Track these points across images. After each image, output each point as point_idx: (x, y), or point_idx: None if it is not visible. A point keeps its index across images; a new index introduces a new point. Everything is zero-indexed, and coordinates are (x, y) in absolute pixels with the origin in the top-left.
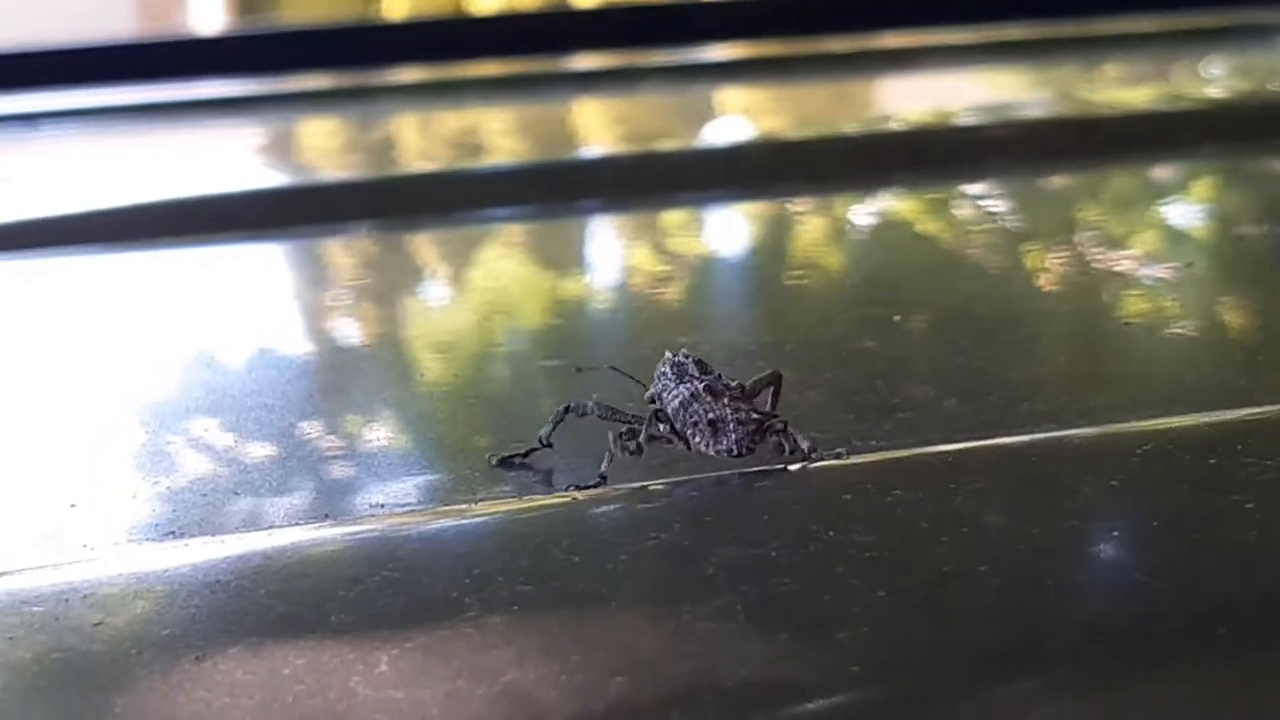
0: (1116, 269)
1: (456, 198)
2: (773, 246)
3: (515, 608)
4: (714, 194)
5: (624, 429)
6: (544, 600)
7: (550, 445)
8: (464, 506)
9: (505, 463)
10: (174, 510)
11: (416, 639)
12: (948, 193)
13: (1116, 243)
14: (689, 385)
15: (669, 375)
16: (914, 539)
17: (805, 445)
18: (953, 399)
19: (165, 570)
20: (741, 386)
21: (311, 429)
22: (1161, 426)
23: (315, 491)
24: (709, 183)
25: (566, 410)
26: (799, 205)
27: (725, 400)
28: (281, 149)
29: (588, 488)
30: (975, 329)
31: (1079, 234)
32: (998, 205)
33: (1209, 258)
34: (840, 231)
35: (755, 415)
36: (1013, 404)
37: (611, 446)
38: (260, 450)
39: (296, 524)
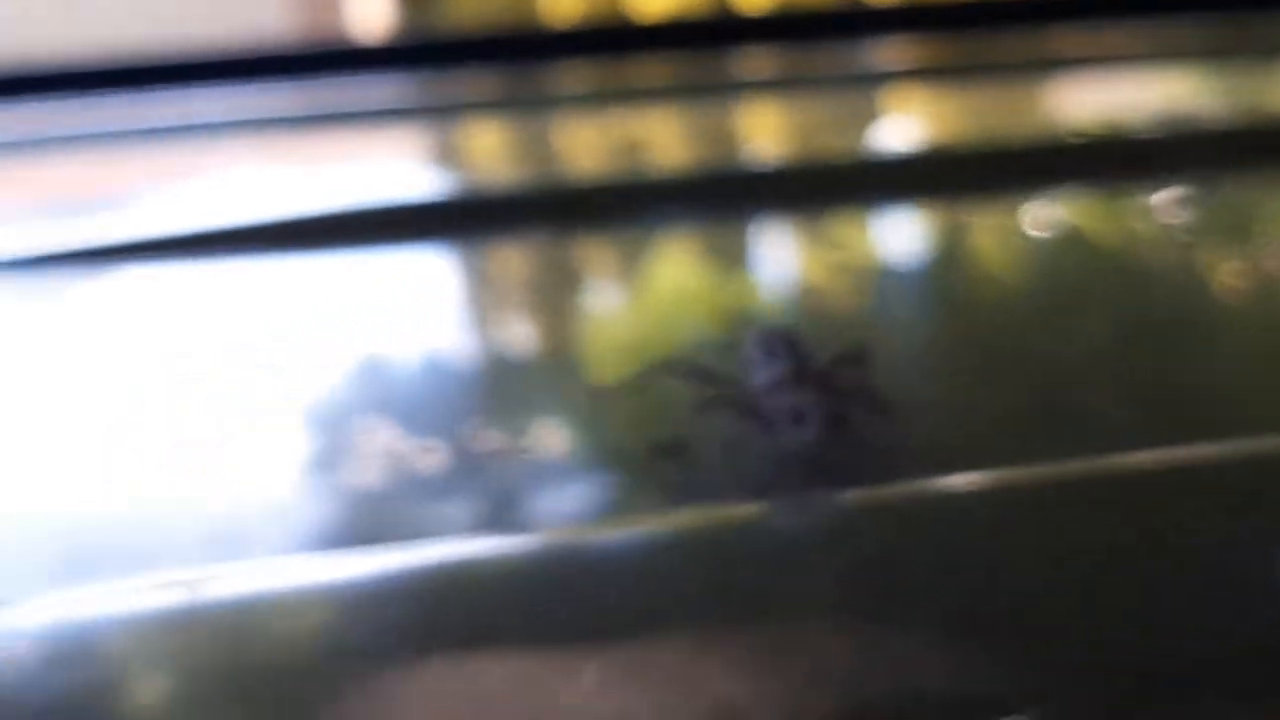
0: None
1: (623, 205)
2: (944, 253)
3: (721, 619)
4: (884, 201)
5: (711, 394)
6: (749, 612)
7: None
8: (660, 516)
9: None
10: (350, 517)
11: (621, 649)
12: (1123, 200)
13: None
14: (777, 366)
15: (759, 350)
16: (1117, 554)
17: (890, 417)
18: (1131, 407)
19: (357, 579)
20: (830, 366)
21: (485, 435)
22: None
23: (493, 498)
24: (879, 189)
25: (661, 371)
26: (971, 212)
27: (811, 386)
28: (447, 156)
29: None
30: (1154, 337)
31: (1259, 241)
32: (1175, 212)
33: None
34: (1013, 238)
35: (840, 402)
36: (1193, 412)
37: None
38: (434, 456)
39: (490, 533)
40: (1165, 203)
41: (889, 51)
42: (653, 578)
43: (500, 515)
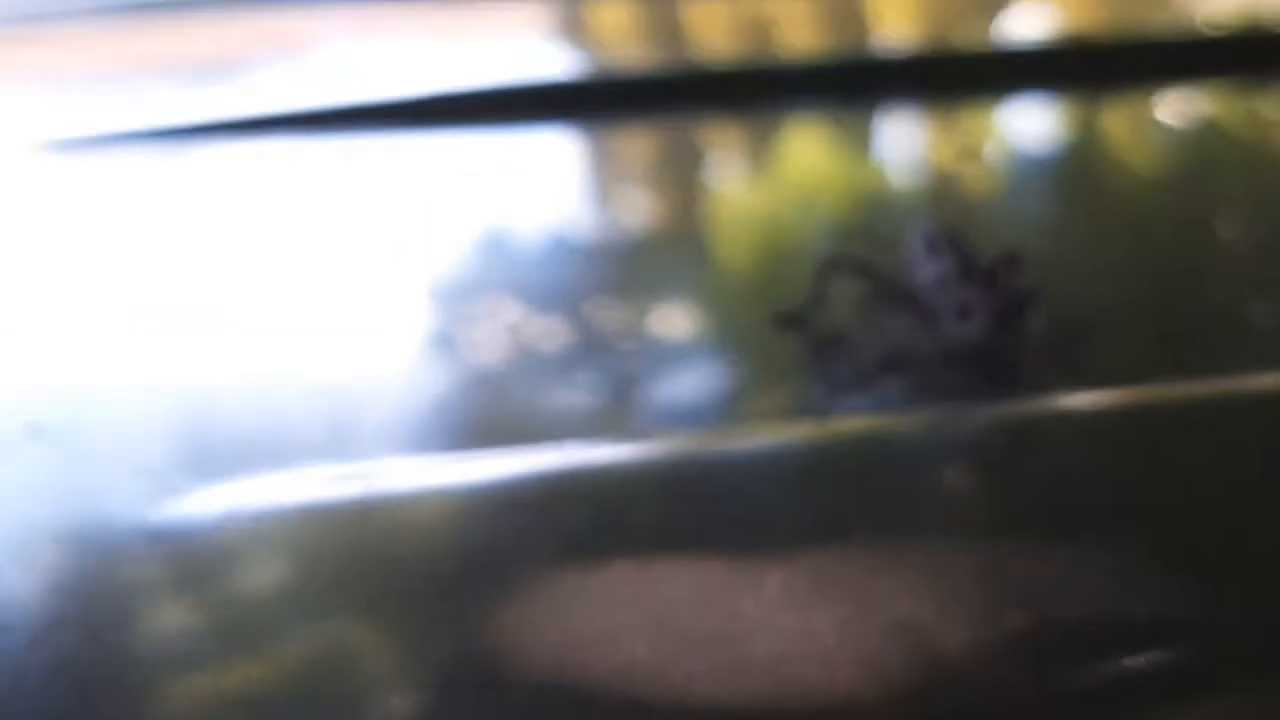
0: None
1: (753, 88)
2: (1080, 146)
3: (904, 534)
4: (1018, 90)
5: (878, 287)
6: (931, 527)
7: (824, 304)
8: (838, 423)
9: (782, 321)
10: (479, 398)
11: (802, 562)
12: (1262, 93)
13: None
14: (939, 263)
15: (920, 248)
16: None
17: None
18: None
19: (539, 477)
20: (991, 268)
21: (618, 316)
22: None
23: (629, 383)
24: (1013, 79)
25: (827, 267)
26: (1107, 104)
27: (974, 284)
28: (575, 31)
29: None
30: None
31: None
32: None
33: None
34: (1150, 132)
35: (1002, 299)
36: None
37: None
38: (564, 336)
39: (664, 433)
40: None
41: None
42: (829, 487)
43: (634, 404)
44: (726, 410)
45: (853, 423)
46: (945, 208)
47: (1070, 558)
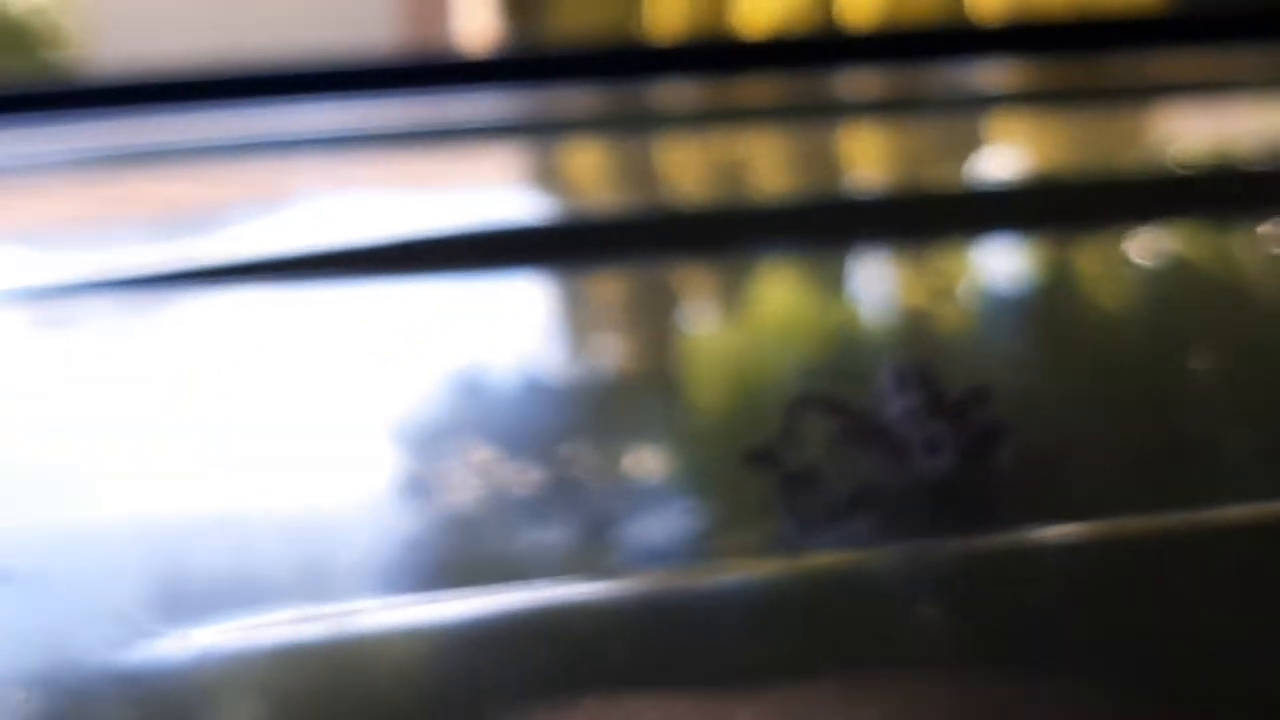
0: None
1: (726, 230)
2: (1052, 284)
3: (875, 670)
4: (990, 230)
5: (847, 423)
6: (902, 663)
7: (793, 442)
8: (809, 560)
9: (751, 459)
10: (451, 541)
11: (776, 698)
12: (1233, 231)
13: None
14: (908, 398)
15: (891, 382)
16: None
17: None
18: (1251, 447)
19: (503, 618)
20: (960, 400)
21: (590, 459)
22: None
23: (600, 526)
24: (985, 219)
25: (798, 404)
26: (1078, 243)
27: (943, 418)
28: (549, 177)
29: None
30: (1268, 373)
31: None
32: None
33: None
34: (1121, 270)
35: (970, 434)
36: None
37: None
38: (536, 479)
39: (634, 572)
40: (1275, 234)
41: (995, 74)
42: (799, 623)
43: (608, 544)
44: (697, 549)
45: (823, 559)
46: (916, 345)
47: (1044, 692)
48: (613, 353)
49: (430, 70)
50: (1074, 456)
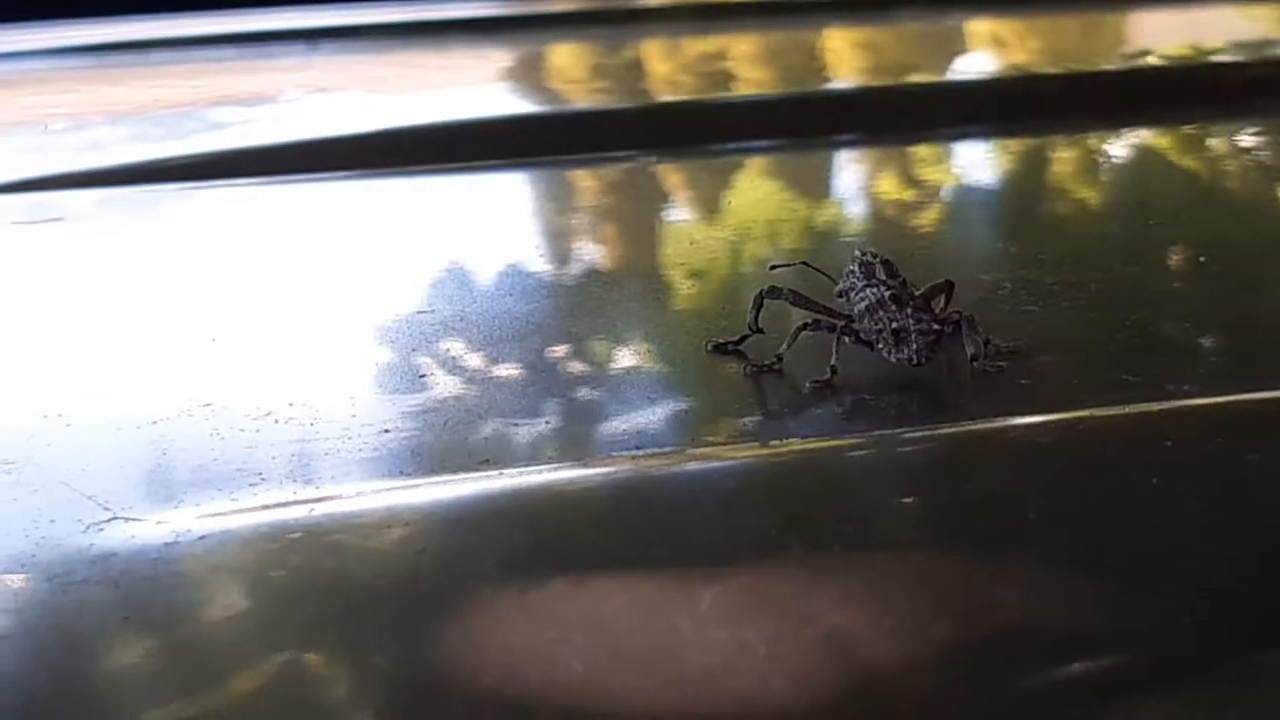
0: None
1: (704, 128)
2: (1022, 184)
3: (835, 548)
4: (963, 129)
5: (811, 319)
6: (863, 542)
7: (760, 330)
8: (775, 444)
9: (720, 349)
10: (432, 431)
11: (740, 578)
12: (1204, 131)
13: None
14: (875, 290)
15: (857, 274)
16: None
17: (981, 340)
18: (1207, 345)
19: (483, 499)
20: (924, 294)
21: (570, 350)
22: None
23: (577, 415)
24: (959, 117)
25: (764, 295)
26: (1050, 142)
27: (909, 309)
28: (531, 74)
29: (821, 382)
30: (1237, 271)
31: None
32: (1256, 145)
33: None
34: (1092, 170)
35: (936, 325)
36: (1269, 354)
37: (833, 345)
38: (531, 382)
39: (605, 457)
40: (1248, 133)
41: None
42: (763, 507)
43: (580, 432)
44: (667, 436)
45: (788, 446)
46: (886, 240)
47: (998, 571)
48: (589, 245)
49: None
50: (1037, 350)
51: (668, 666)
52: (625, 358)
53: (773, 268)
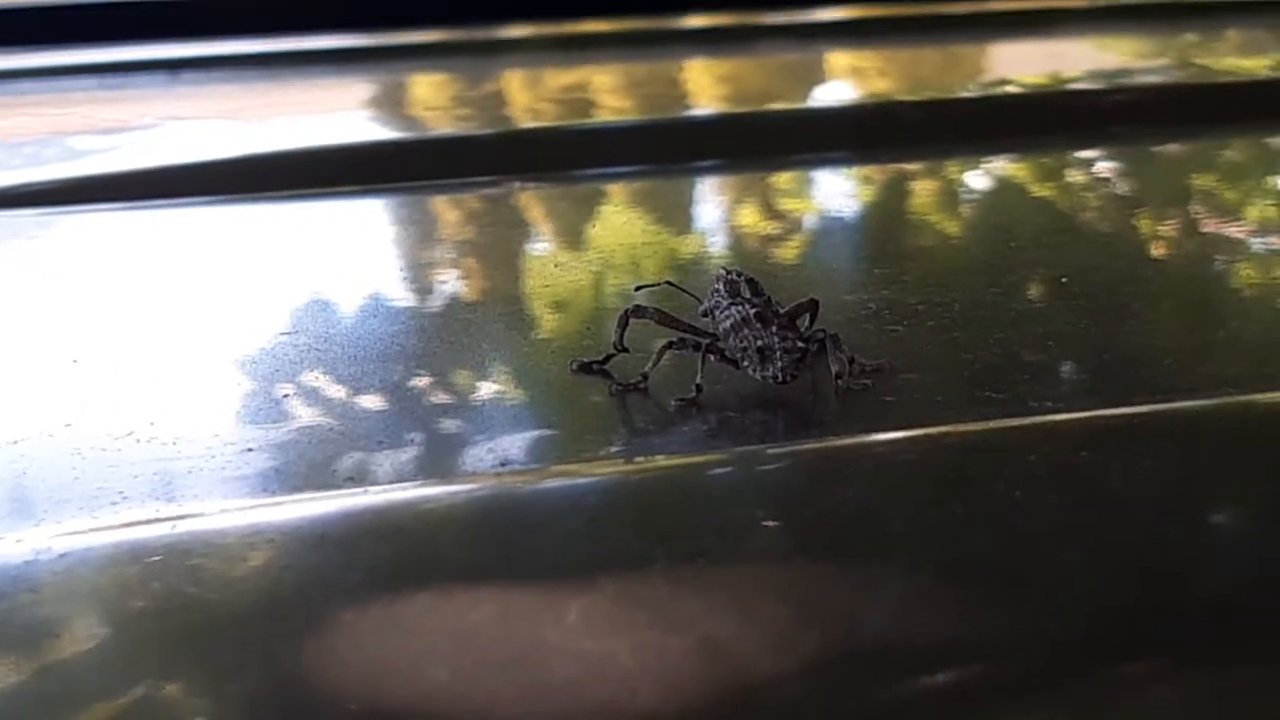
0: (1231, 236)
1: (566, 154)
2: (885, 209)
3: (702, 560)
4: (826, 156)
5: (676, 338)
6: (730, 554)
7: (625, 349)
8: (641, 460)
9: (585, 368)
10: (291, 458)
11: (607, 590)
12: (1062, 158)
13: (1231, 211)
14: (740, 308)
15: (722, 292)
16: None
17: (846, 358)
18: (1067, 364)
19: (347, 516)
20: (789, 313)
21: (432, 379)
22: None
23: (440, 442)
24: (821, 144)
25: (628, 314)
26: (911, 168)
27: (774, 327)
28: (392, 103)
29: (687, 400)
30: (1090, 294)
31: (1194, 201)
32: (1113, 171)
33: None
34: (953, 195)
35: (800, 343)
36: (1134, 372)
37: (699, 363)
38: (395, 403)
39: (469, 474)
40: (1105, 159)
41: (832, 6)
42: (630, 520)
43: (446, 452)
44: (532, 454)
45: (653, 462)
46: (750, 264)
47: (864, 582)
48: (452, 270)
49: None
50: (900, 368)
51: (533, 677)
52: (490, 379)
53: (638, 288)
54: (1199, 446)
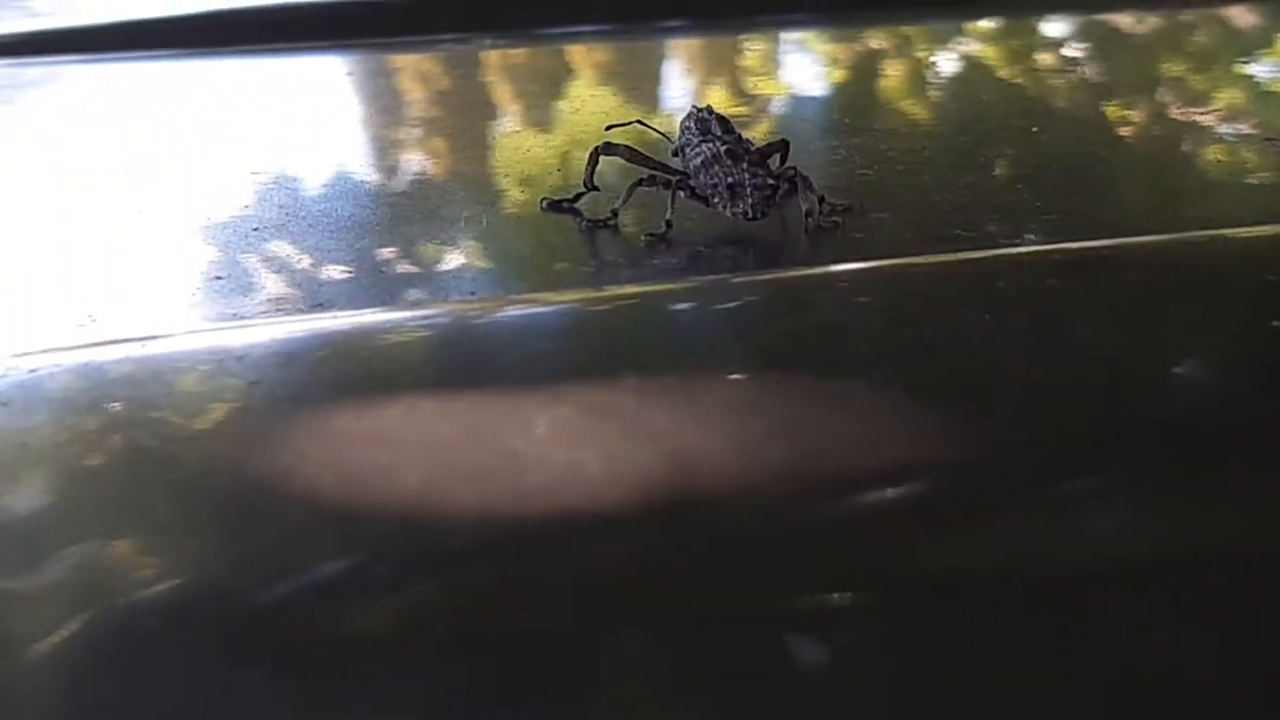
0: (1201, 90)
1: (536, 10)
2: (859, 65)
3: (670, 380)
4: (794, 15)
5: (646, 174)
6: (697, 373)
7: (596, 188)
8: (610, 289)
9: (554, 206)
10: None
11: (575, 402)
12: (1035, 11)
13: (1199, 62)
14: (710, 145)
15: (693, 130)
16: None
17: (816, 197)
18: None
19: (315, 336)
20: (760, 151)
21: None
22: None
23: (409, 271)
24: (783, 7)
25: (599, 151)
26: (887, 27)
27: (744, 164)
28: None
29: (656, 236)
30: (1059, 143)
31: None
32: (1076, 45)
33: None
34: (926, 48)
35: (771, 181)
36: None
37: (668, 200)
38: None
39: (438, 301)
40: (1067, 35)
41: None
42: (599, 339)
43: (419, 279)
44: (499, 284)
45: (623, 289)
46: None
47: (832, 396)
48: (423, 119)
49: None
50: (865, 206)
51: (498, 482)
52: (460, 215)
53: (609, 128)
54: (1160, 279)
